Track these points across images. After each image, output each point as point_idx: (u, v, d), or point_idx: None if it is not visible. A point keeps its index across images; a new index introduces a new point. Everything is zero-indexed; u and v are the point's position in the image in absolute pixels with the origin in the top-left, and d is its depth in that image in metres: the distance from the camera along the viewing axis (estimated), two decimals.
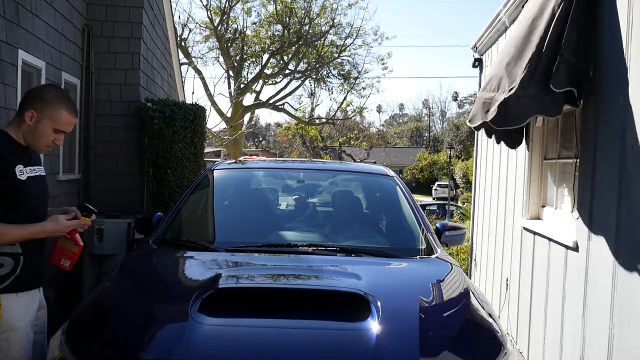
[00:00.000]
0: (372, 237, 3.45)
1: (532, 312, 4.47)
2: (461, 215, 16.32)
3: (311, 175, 4.32)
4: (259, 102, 21.50)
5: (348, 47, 21.93)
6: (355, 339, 1.95)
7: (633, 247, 2.78)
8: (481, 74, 7.32)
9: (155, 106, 6.94)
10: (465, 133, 47.16)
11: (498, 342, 2.12)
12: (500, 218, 5.76)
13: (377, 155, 39.06)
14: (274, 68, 21.81)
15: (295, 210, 3.95)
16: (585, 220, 3.38)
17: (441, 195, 35.89)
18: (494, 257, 6.08)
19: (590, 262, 3.30)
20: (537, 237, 4.38)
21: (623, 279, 2.86)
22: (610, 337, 2.95)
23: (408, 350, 1.91)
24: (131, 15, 7.04)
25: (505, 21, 5.69)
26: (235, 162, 4.49)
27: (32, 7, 5.02)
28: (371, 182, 4.06)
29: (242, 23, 21.13)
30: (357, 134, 36.45)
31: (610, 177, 3.05)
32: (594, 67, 3.26)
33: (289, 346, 1.96)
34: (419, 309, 2.15)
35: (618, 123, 2.99)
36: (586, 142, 3.43)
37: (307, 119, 23.84)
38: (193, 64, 19.48)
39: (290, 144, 33.68)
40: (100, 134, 6.96)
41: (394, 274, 2.80)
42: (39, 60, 5.23)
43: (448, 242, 3.57)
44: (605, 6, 3.22)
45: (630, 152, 2.85)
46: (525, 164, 4.77)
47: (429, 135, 66.12)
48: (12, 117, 2.60)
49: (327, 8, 20.77)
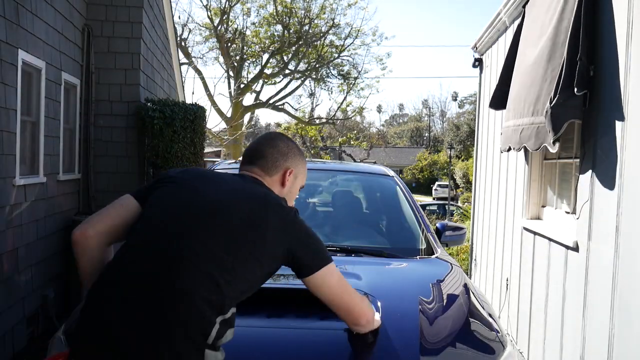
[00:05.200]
0: (372, 237, 3.45)
1: (532, 312, 4.47)
2: (461, 215, 16.32)
3: (311, 175, 4.31)
4: (259, 102, 21.51)
5: (348, 47, 21.95)
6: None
7: (633, 247, 2.78)
8: (481, 74, 7.32)
9: (155, 106, 6.94)
10: (465, 133, 47.15)
11: (498, 342, 2.12)
12: (501, 218, 5.76)
13: (377, 155, 39.05)
14: (274, 68, 21.82)
15: None
16: (585, 220, 3.37)
17: (441, 195, 35.89)
18: (494, 257, 6.08)
19: (590, 262, 3.30)
20: (537, 237, 4.38)
21: (623, 279, 2.86)
22: (611, 337, 2.95)
23: (408, 350, 1.91)
24: (131, 15, 7.04)
25: (505, 21, 5.69)
26: (235, 162, 4.48)
27: (32, 7, 5.02)
28: (371, 182, 4.05)
29: (242, 23, 21.18)
30: (357, 134, 36.46)
31: (610, 177, 3.05)
32: (594, 67, 3.27)
33: (288, 346, 1.96)
34: (419, 309, 2.15)
35: (618, 123, 2.98)
36: (586, 142, 3.43)
37: (307, 119, 23.84)
38: (193, 64, 19.51)
39: None
40: (100, 134, 6.96)
41: (394, 274, 2.80)
42: (39, 60, 5.23)
43: (448, 242, 3.57)
44: (605, 6, 3.22)
45: (630, 151, 2.85)
46: (525, 164, 4.77)
47: (429, 135, 66.12)
48: (12, 117, 2.59)
49: (327, 8, 20.78)
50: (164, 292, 1.52)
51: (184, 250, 1.57)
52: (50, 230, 5.67)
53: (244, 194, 1.73)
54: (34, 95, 5.27)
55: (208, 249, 1.58)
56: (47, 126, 5.50)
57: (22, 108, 4.83)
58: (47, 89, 5.49)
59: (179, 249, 1.58)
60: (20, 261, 4.90)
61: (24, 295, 4.95)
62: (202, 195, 1.70)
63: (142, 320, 1.50)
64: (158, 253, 1.59)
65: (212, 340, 1.53)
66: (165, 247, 1.59)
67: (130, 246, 1.65)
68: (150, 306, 1.51)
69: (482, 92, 7.16)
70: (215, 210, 1.65)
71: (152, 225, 1.66)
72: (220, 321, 1.54)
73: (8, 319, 4.66)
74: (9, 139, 4.59)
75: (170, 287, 1.53)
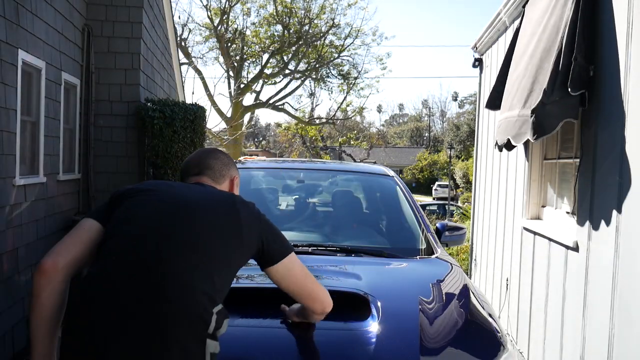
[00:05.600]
0: (372, 237, 3.45)
1: (532, 312, 4.47)
2: (461, 215, 16.32)
3: (311, 175, 4.31)
4: (259, 102, 21.50)
5: (347, 47, 21.94)
6: (355, 339, 1.95)
7: (633, 247, 2.78)
8: (481, 73, 7.32)
9: (155, 106, 6.94)
10: (465, 133, 47.16)
11: (498, 342, 2.12)
12: (501, 218, 5.76)
13: (377, 155, 39.04)
14: (274, 68, 21.81)
15: (295, 210, 3.94)
16: (585, 220, 3.37)
17: (441, 195, 35.89)
18: (494, 257, 6.08)
19: (590, 262, 3.30)
20: (537, 237, 4.38)
21: (623, 279, 2.86)
22: (611, 337, 2.95)
23: (408, 351, 1.91)
24: (131, 15, 7.04)
25: (505, 21, 5.69)
26: (235, 162, 4.48)
27: (32, 7, 5.02)
28: (371, 182, 4.05)
29: (242, 23, 21.17)
30: (357, 134, 36.44)
31: (610, 177, 3.05)
32: (594, 67, 3.27)
33: (288, 346, 1.96)
34: (419, 309, 2.15)
35: (618, 123, 2.98)
36: (586, 142, 3.43)
37: (307, 119, 23.83)
38: (193, 64, 19.49)
39: (290, 144, 33.67)
40: (100, 134, 6.96)
41: (394, 274, 2.80)
42: (39, 60, 5.23)
43: (448, 242, 3.57)
44: (604, 5, 3.22)
45: (630, 151, 2.85)
46: (526, 164, 4.77)
47: (429, 135, 66.12)
48: (12, 117, 2.59)
49: (327, 8, 20.78)
50: (162, 291, 1.57)
51: (173, 248, 1.64)
52: (50, 230, 5.67)
53: (211, 195, 1.87)
54: (34, 95, 5.27)
55: (196, 243, 1.67)
56: (47, 126, 5.50)
57: (22, 108, 4.83)
58: (47, 89, 5.49)
59: (168, 247, 1.64)
60: (20, 261, 4.90)
61: (23, 295, 4.95)
62: (177, 197, 1.79)
63: (143, 324, 1.53)
64: (148, 255, 1.63)
65: (212, 330, 1.60)
66: (154, 248, 1.64)
67: (113, 257, 1.64)
68: (149, 308, 1.55)
69: (482, 92, 7.16)
70: (193, 208, 1.75)
71: (133, 235, 1.68)
72: (217, 312, 1.61)
73: (8, 319, 4.66)
74: (9, 139, 4.59)
75: (167, 284, 1.58)
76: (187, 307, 1.56)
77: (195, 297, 1.58)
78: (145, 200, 1.78)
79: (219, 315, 1.62)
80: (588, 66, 3.25)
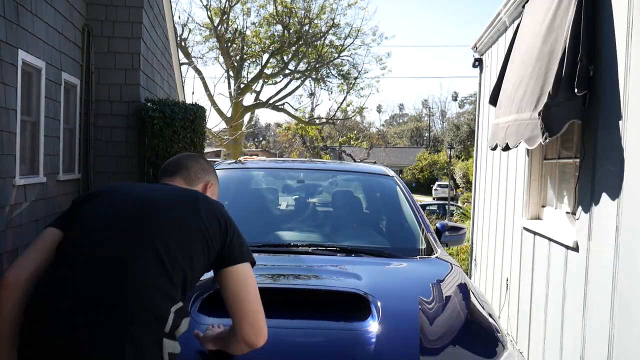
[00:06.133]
0: (372, 237, 3.45)
1: (532, 312, 4.47)
2: (461, 215, 16.32)
3: (311, 175, 4.31)
4: (259, 102, 21.50)
5: (347, 47, 21.95)
6: (355, 339, 1.95)
7: (633, 247, 2.78)
8: (481, 73, 7.32)
9: (155, 106, 6.94)
10: (465, 133, 47.16)
11: (498, 342, 2.12)
12: (501, 218, 5.76)
13: (377, 155, 39.04)
14: (274, 68, 21.81)
15: (295, 210, 3.94)
16: (585, 220, 3.37)
17: (441, 195, 35.88)
18: (494, 257, 6.08)
19: (590, 262, 3.30)
20: (537, 237, 4.38)
21: (623, 279, 2.86)
22: (611, 337, 2.95)
23: (408, 350, 1.91)
24: (131, 15, 7.04)
25: (505, 21, 5.69)
26: (235, 162, 4.48)
27: (32, 7, 5.02)
28: (371, 182, 4.05)
29: (242, 23, 21.16)
30: (357, 134, 36.45)
31: (610, 177, 3.05)
32: (594, 67, 3.27)
33: (288, 346, 1.96)
34: (419, 309, 2.14)
35: (618, 122, 2.98)
36: (586, 142, 3.43)
37: (307, 119, 23.83)
38: (193, 64, 19.49)
39: (290, 144, 33.69)
40: (100, 134, 6.97)
41: (394, 274, 2.80)
42: (39, 60, 5.23)
43: (448, 242, 3.57)
44: (604, 5, 3.22)
45: (630, 151, 2.85)
46: (525, 164, 4.77)
47: (429, 135, 66.12)
48: (12, 117, 2.59)
49: (327, 8, 20.78)
50: (120, 287, 1.56)
51: (130, 245, 1.62)
52: None
53: (175, 192, 1.83)
54: (34, 95, 5.27)
55: (154, 240, 1.64)
56: (47, 126, 5.50)
57: (22, 108, 4.84)
58: (47, 89, 5.49)
59: (125, 244, 1.62)
60: None
61: None
62: (137, 195, 1.78)
63: (101, 320, 1.53)
64: (106, 252, 1.62)
65: (169, 329, 1.57)
66: (111, 245, 1.63)
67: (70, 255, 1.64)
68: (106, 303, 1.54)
69: (482, 92, 7.16)
70: (154, 205, 1.73)
71: (90, 232, 1.68)
72: (175, 310, 1.59)
73: None
74: (9, 139, 4.59)
75: (124, 281, 1.56)
76: (143, 305, 1.54)
77: (151, 294, 1.56)
78: (105, 200, 1.77)
79: (177, 314, 1.59)
80: (589, 66, 3.25)
